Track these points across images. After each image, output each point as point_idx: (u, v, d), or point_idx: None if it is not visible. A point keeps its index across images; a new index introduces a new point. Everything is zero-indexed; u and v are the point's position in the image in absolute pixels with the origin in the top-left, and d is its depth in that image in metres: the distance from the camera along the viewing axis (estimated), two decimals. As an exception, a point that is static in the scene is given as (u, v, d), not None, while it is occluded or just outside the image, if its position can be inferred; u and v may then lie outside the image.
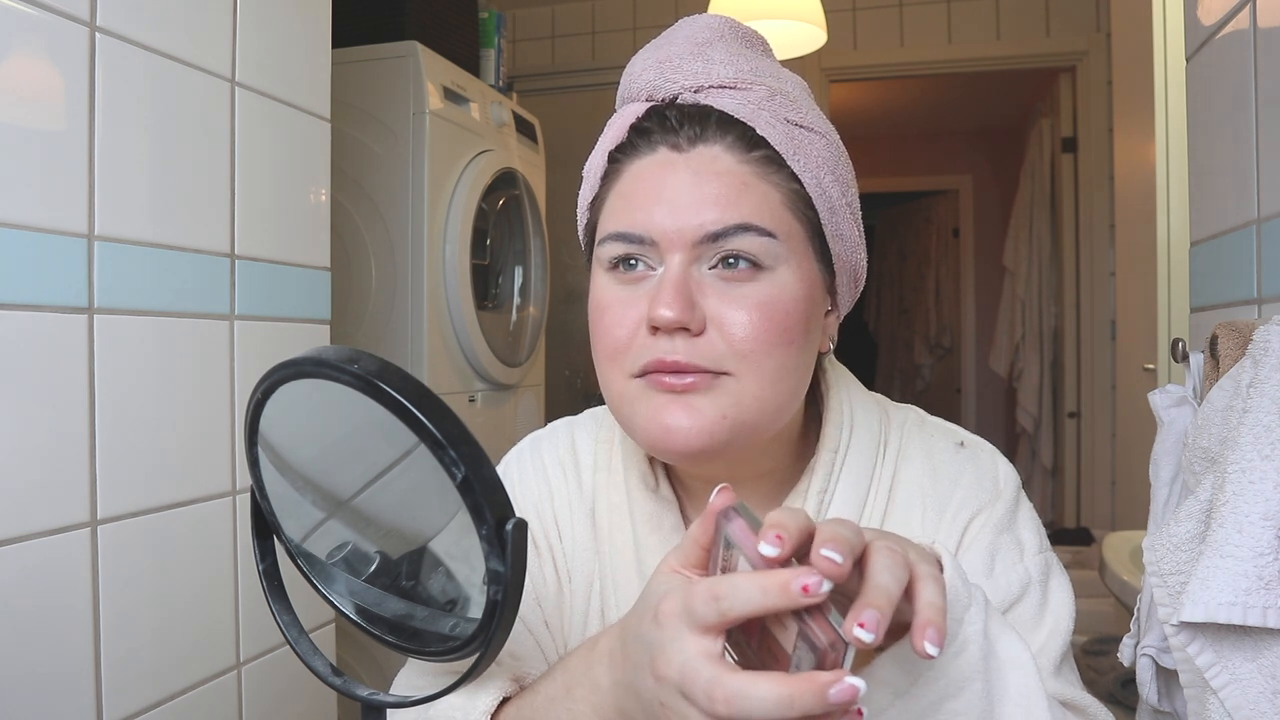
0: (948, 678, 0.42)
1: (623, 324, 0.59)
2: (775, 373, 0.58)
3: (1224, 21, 0.96)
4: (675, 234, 0.57)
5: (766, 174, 0.59)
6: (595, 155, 0.65)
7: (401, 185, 1.95)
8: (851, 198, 0.64)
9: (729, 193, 0.57)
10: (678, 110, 0.60)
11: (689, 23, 0.65)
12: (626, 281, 0.59)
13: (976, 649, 0.43)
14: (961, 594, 0.44)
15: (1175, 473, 0.91)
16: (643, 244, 0.58)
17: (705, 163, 0.58)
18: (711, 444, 0.57)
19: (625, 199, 0.60)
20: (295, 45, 1.25)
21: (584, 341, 2.68)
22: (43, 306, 0.89)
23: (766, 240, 0.57)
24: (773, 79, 0.62)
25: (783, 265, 0.58)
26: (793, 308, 0.58)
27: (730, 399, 0.57)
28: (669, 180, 0.58)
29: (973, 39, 3.16)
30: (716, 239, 0.57)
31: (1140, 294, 2.19)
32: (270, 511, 0.53)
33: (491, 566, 0.44)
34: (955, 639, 0.43)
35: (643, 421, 0.58)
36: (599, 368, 0.62)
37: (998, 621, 0.46)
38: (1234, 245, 0.94)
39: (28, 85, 0.87)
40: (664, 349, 0.56)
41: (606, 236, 0.60)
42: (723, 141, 0.59)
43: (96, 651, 0.95)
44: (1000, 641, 0.45)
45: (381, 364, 0.44)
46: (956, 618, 0.43)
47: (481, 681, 0.55)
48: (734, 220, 0.56)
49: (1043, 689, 0.45)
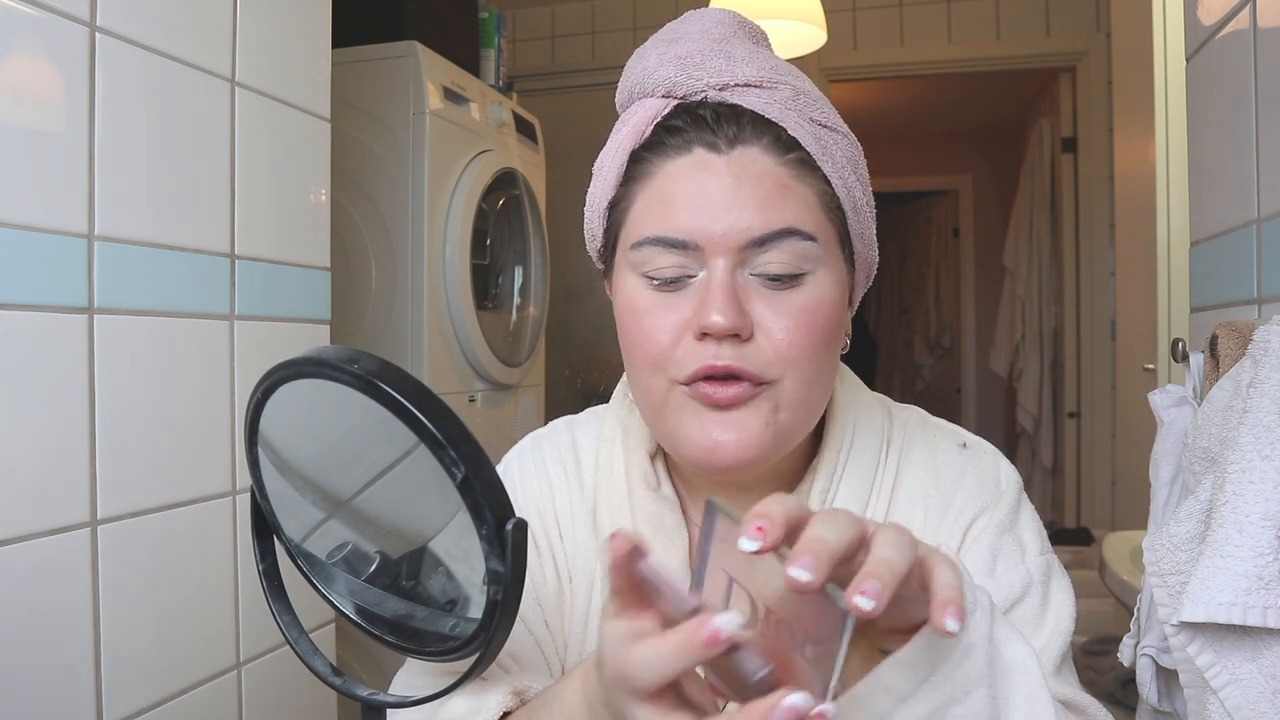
0: (953, 683, 0.42)
1: (664, 329, 0.58)
2: (814, 377, 0.58)
3: (1224, 21, 0.96)
4: (720, 238, 0.56)
5: (802, 176, 0.58)
6: (611, 153, 0.63)
7: (401, 185, 1.95)
8: (870, 196, 0.64)
9: (771, 196, 0.56)
10: (711, 109, 0.58)
11: (699, 17, 0.63)
12: (665, 287, 0.58)
13: (982, 654, 0.42)
14: (967, 597, 0.44)
15: (1175, 473, 0.91)
16: (685, 249, 0.57)
17: (745, 164, 0.57)
18: (759, 455, 0.57)
19: (663, 202, 0.58)
20: (295, 45, 1.25)
21: (584, 342, 2.69)
22: (43, 306, 0.89)
23: (809, 244, 0.57)
24: (794, 78, 0.61)
25: (821, 269, 0.58)
26: (831, 311, 0.58)
27: (770, 405, 0.57)
28: (710, 183, 0.57)
29: (973, 39, 3.16)
30: (762, 244, 0.56)
31: (1140, 294, 2.19)
32: (270, 511, 0.53)
33: (491, 566, 0.44)
34: (960, 644, 0.42)
35: (689, 434, 0.58)
36: (634, 374, 0.61)
37: (1003, 625, 0.46)
38: (1234, 245, 0.94)
39: (28, 85, 0.87)
40: (712, 354, 0.56)
41: (643, 240, 0.58)
42: (759, 143, 0.58)
43: (96, 651, 0.95)
44: (1006, 646, 0.45)
45: (381, 364, 0.44)
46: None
47: (484, 691, 0.55)
48: (778, 224, 0.56)
49: (1049, 693, 0.44)
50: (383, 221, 1.97)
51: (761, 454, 0.57)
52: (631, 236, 0.60)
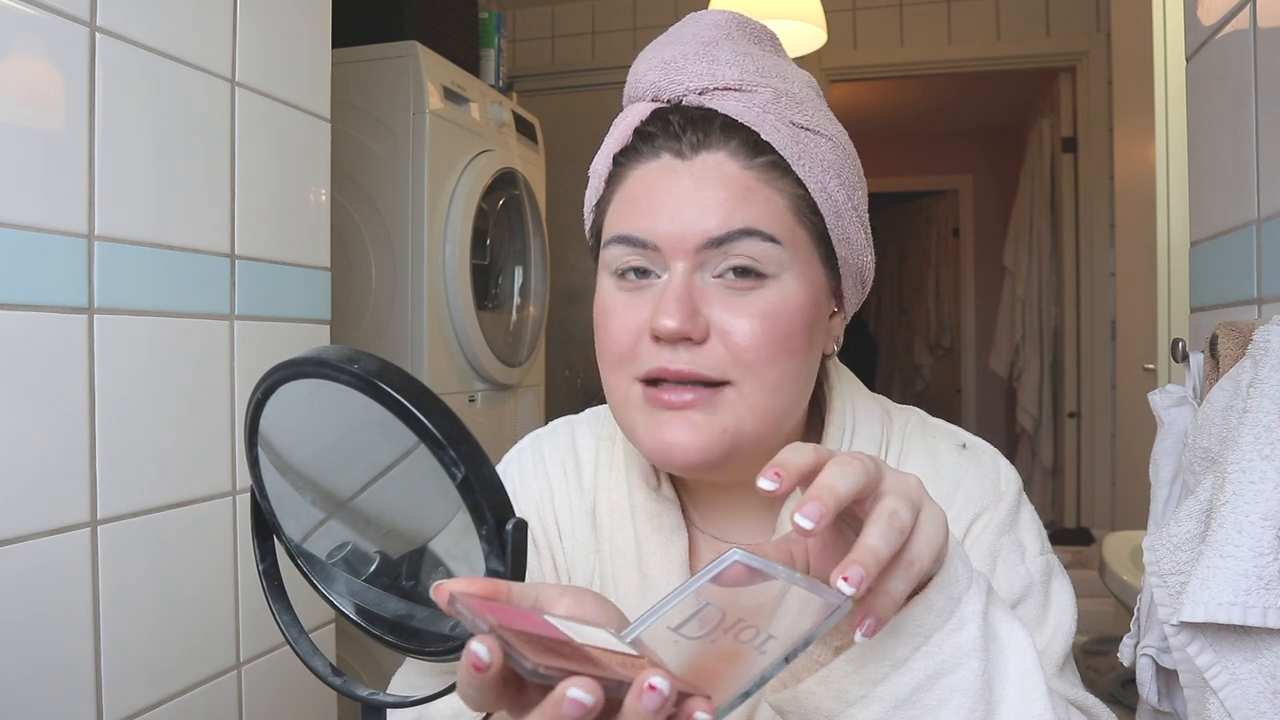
0: (944, 653, 0.43)
1: (626, 329, 0.58)
2: (775, 382, 0.58)
3: (1224, 21, 0.96)
4: (678, 240, 0.57)
5: (770, 179, 0.58)
6: (600, 156, 0.65)
7: (401, 185, 1.95)
8: (858, 200, 0.64)
9: (732, 198, 0.57)
10: (681, 114, 0.59)
11: (695, 20, 0.64)
12: (631, 287, 0.59)
13: (975, 628, 0.43)
14: (962, 576, 0.45)
15: (1175, 473, 0.91)
16: (645, 248, 0.58)
17: (708, 169, 0.58)
18: (710, 459, 0.57)
19: (628, 203, 0.60)
20: (295, 45, 1.25)
21: (584, 341, 2.70)
22: (43, 306, 0.89)
23: (770, 246, 0.57)
24: (779, 79, 0.61)
25: (786, 273, 0.58)
26: (795, 316, 0.58)
27: (730, 412, 0.57)
28: (671, 186, 0.58)
29: (973, 39, 3.16)
30: (720, 244, 0.56)
31: (1140, 294, 2.19)
32: (270, 511, 0.53)
33: (491, 566, 0.44)
34: (953, 616, 0.43)
35: (643, 434, 0.59)
36: (603, 371, 0.62)
37: (1000, 608, 0.47)
38: (1234, 245, 0.94)
39: (28, 85, 0.87)
40: (667, 358, 0.56)
41: (610, 239, 0.60)
42: (726, 148, 0.58)
43: (96, 651, 0.95)
44: (1002, 626, 0.46)
45: (381, 364, 0.44)
46: (955, 598, 0.44)
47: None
48: (737, 225, 0.56)
49: (1042, 675, 0.45)
50: (383, 221, 1.97)
51: (715, 457, 0.57)
52: (605, 235, 0.62)
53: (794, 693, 0.45)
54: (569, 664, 0.31)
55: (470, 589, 0.35)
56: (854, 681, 0.43)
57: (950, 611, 0.43)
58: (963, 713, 0.43)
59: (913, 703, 0.43)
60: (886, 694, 0.43)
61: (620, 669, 0.33)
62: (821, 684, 0.44)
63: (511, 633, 0.32)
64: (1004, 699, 0.44)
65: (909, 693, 0.43)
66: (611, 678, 0.31)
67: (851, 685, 0.43)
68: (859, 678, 0.43)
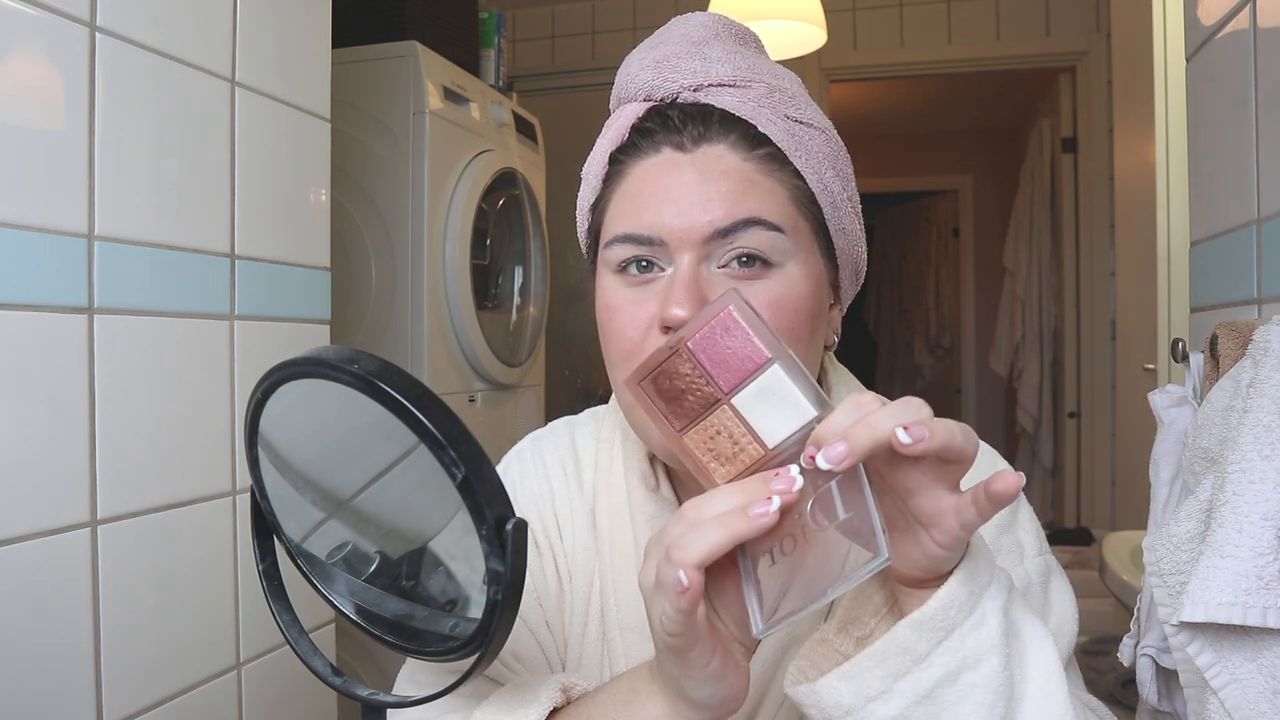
0: (965, 649, 0.43)
1: (635, 324, 0.58)
2: None
3: (1224, 21, 0.96)
4: (684, 233, 0.57)
5: (770, 171, 0.59)
6: (595, 156, 0.65)
7: (401, 185, 1.95)
8: (852, 192, 0.64)
9: (735, 189, 0.57)
10: (680, 110, 0.60)
11: (683, 21, 0.65)
12: (636, 283, 0.59)
13: (996, 624, 0.43)
14: (984, 571, 0.45)
15: (1175, 473, 0.91)
16: (651, 245, 0.58)
17: (710, 161, 0.58)
18: None
19: (631, 200, 0.60)
20: (295, 45, 1.25)
21: (584, 341, 2.69)
22: (43, 306, 0.89)
23: (775, 235, 0.57)
24: (771, 76, 0.62)
25: (791, 261, 0.58)
26: (801, 304, 0.58)
27: None
28: (675, 180, 0.58)
29: (973, 39, 3.16)
30: (725, 235, 0.57)
31: (1140, 294, 2.19)
32: (270, 511, 0.53)
33: (491, 566, 0.44)
34: (975, 611, 0.43)
35: (657, 433, 0.58)
36: (610, 369, 0.62)
37: (1021, 604, 0.47)
38: (1234, 245, 0.94)
39: (28, 85, 0.87)
40: None
41: (614, 239, 0.60)
42: (726, 140, 0.59)
43: (96, 651, 0.95)
44: (1024, 623, 0.46)
45: (381, 364, 0.44)
46: (977, 592, 0.44)
47: (528, 695, 0.55)
48: (742, 215, 0.57)
49: (1063, 673, 0.45)
50: (383, 221, 1.97)
51: None
52: (606, 235, 0.62)
53: (813, 687, 0.45)
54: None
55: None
56: (875, 676, 0.43)
57: (972, 606, 0.43)
58: (983, 709, 0.43)
59: (933, 698, 0.43)
60: (907, 689, 0.43)
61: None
62: (843, 678, 0.44)
63: None
64: (1025, 696, 0.44)
65: (930, 688, 0.43)
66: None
67: (873, 680, 0.43)
68: (880, 672, 0.43)
